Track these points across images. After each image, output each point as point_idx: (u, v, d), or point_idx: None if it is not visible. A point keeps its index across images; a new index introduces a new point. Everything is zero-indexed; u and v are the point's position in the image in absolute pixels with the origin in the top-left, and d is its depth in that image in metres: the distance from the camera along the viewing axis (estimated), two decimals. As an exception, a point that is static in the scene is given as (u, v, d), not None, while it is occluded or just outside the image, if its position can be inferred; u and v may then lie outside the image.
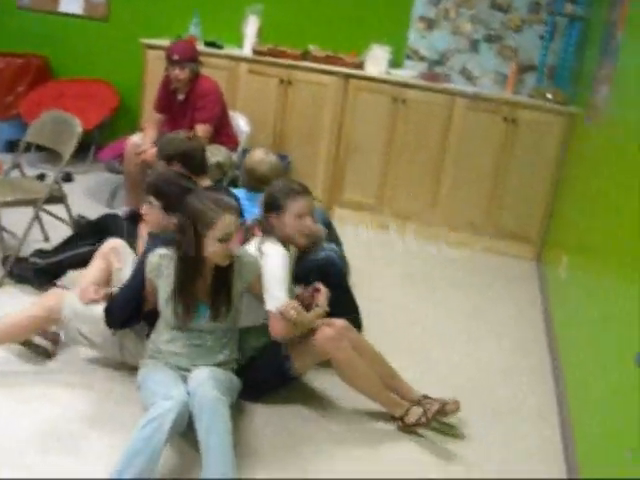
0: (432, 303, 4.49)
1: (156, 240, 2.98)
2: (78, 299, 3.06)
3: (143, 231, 3.41)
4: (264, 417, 3.05)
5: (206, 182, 3.79)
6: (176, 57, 4.70)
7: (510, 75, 5.47)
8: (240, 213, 2.94)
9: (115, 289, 3.09)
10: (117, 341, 3.08)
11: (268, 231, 3.07)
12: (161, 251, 2.85)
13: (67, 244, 3.94)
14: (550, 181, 5.26)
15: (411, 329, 4.08)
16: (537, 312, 4.55)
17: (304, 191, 3.11)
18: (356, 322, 3.51)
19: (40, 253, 3.95)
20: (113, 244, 3.40)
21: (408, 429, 3.03)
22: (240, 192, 3.92)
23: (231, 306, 2.85)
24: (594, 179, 3.90)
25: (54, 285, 3.77)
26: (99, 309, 3.01)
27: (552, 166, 5.24)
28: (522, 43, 5.52)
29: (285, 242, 3.05)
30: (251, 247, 3.03)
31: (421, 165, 5.51)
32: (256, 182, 3.86)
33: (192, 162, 3.74)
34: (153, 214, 3.17)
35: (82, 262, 3.64)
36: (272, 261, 2.92)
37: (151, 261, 2.85)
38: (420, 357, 3.75)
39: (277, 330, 2.88)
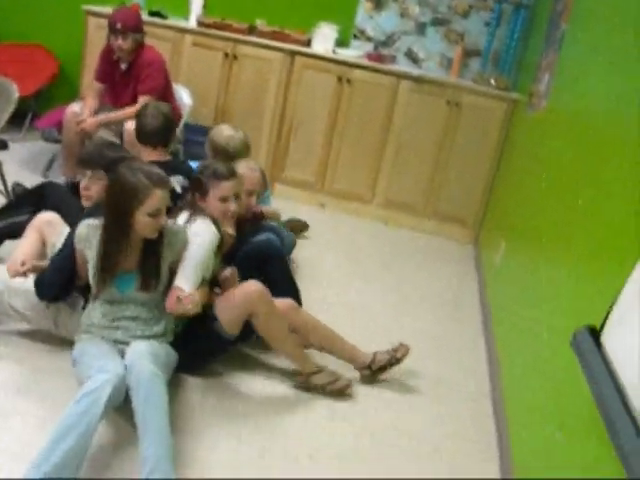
0: (366, 281, 4.53)
1: (94, 212, 2.93)
2: (8, 272, 2.99)
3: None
4: (201, 391, 3.04)
5: (165, 156, 3.81)
6: (119, 26, 4.59)
7: (455, 59, 5.51)
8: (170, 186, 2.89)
9: (47, 262, 3.02)
10: (51, 316, 3.03)
11: (197, 209, 3.06)
12: (89, 221, 2.81)
13: (3, 212, 3.82)
14: (490, 166, 5.34)
15: (344, 307, 4.10)
16: (473, 294, 4.64)
17: (229, 175, 3.12)
18: (296, 301, 3.52)
19: None
20: (48, 217, 3.31)
21: (307, 385, 3.15)
22: None
23: (160, 276, 2.82)
24: (533, 166, 3.97)
25: None
26: (32, 283, 2.94)
27: (492, 152, 5.31)
28: (468, 28, 5.56)
29: (214, 220, 3.05)
30: (180, 220, 3.01)
31: (363, 145, 5.52)
32: (226, 158, 3.81)
33: (140, 133, 3.81)
34: (98, 187, 3.10)
35: (19, 231, 3.52)
36: (197, 240, 2.92)
37: (80, 232, 2.81)
38: (353, 334, 3.76)
39: (170, 305, 2.84)
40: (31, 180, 4.39)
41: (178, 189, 3.45)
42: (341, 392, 3.16)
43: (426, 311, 4.25)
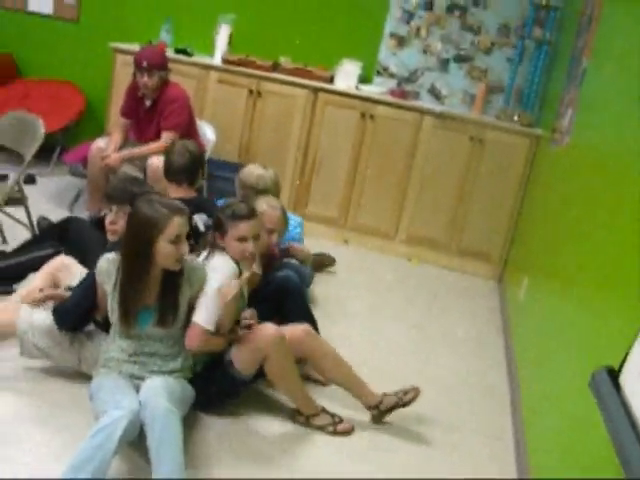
0: (388, 318, 4.49)
1: (116, 247, 2.94)
2: (23, 302, 3.00)
3: None
4: (217, 428, 3.02)
5: (191, 193, 3.82)
6: (145, 64, 4.65)
7: (478, 96, 5.52)
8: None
9: (66, 293, 3.03)
10: (75, 352, 3.03)
11: (217, 247, 3.06)
12: (110, 255, 2.82)
13: (28, 246, 3.87)
14: (514, 202, 5.31)
15: (366, 342, 4.08)
16: (496, 331, 4.58)
17: (248, 215, 3.08)
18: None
19: (1, 254, 3.87)
20: (64, 260, 3.33)
21: (307, 426, 3.13)
22: None
23: (178, 312, 2.82)
24: (557, 202, 3.94)
25: (9, 292, 3.68)
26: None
27: (516, 187, 5.29)
28: (491, 65, 5.58)
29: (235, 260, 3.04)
30: (200, 257, 3.02)
31: (387, 181, 5.52)
32: (256, 195, 3.81)
33: (167, 169, 3.85)
34: (123, 222, 3.11)
35: (42, 265, 3.57)
36: (215, 276, 2.91)
37: (100, 266, 2.83)
38: (373, 370, 3.72)
39: (191, 341, 2.85)
40: (57, 214, 4.44)
41: (201, 227, 3.45)
42: (342, 435, 3.13)
43: (449, 349, 4.20)
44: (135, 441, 2.56)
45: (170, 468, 2.44)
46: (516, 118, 5.27)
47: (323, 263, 5.02)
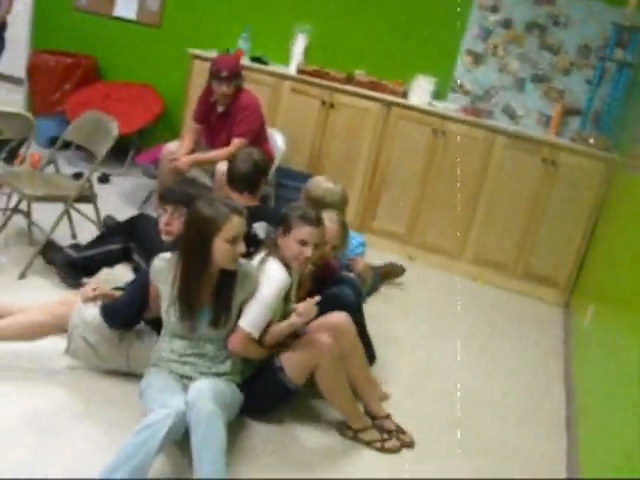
0: (449, 337, 4.42)
1: (173, 247, 2.98)
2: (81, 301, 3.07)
3: None
4: (264, 434, 3.02)
5: (252, 202, 3.78)
6: (225, 73, 4.71)
7: (554, 117, 5.41)
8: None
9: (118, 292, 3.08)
10: (124, 350, 3.08)
11: (274, 247, 3.05)
12: (165, 255, 2.86)
13: (99, 240, 4.01)
14: (585, 227, 5.17)
15: (423, 362, 4.02)
16: (556, 358, 4.45)
17: (316, 222, 3.07)
18: (369, 355, 3.48)
19: (76, 247, 4.02)
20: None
21: (355, 440, 3.09)
22: None
23: (230, 315, 2.83)
24: (630, 230, 3.81)
25: (80, 284, 3.82)
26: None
27: (588, 212, 5.14)
28: (569, 86, 5.46)
29: (286, 263, 3.02)
30: (255, 260, 3.02)
31: (455, 198, 5.45)
32: (321, 209, 3.79)
33: (230, 177, 3.81)
34: (180, 223, 3.15)
35: (113, 259, 3.82)
36: (268, 282, 2.90)
37: (155, 265, 2.86)
38: (429, 392, 3.69)
39: (233, 344, 2.86)
40: (128, 213, 4.51)
41: (261, 235, 3.45)
42: (389, 452, 3.08)
43: (507, 374, 4.10)
44: (180, 441, 2.58)
45: (211, 469, 2.45)
46: (592, 142, 5.12)
47: (392, 272, 4.99)
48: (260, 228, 3.43)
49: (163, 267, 2.84)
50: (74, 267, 3.91)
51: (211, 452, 2.47)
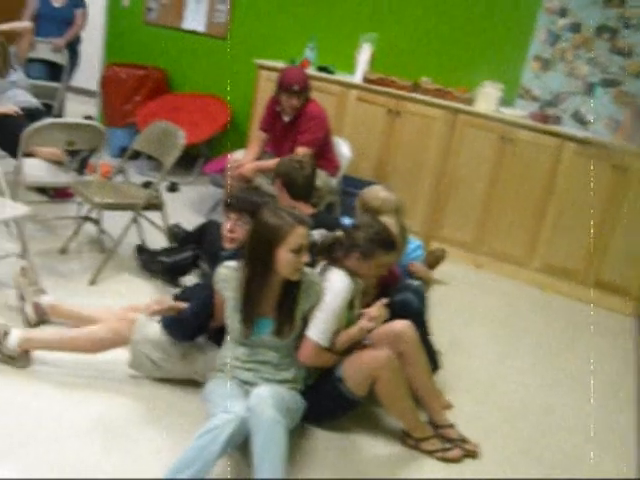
0: (515, 348, 4.34)
1: (231, 255, 3.02)
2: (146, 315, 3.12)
3: None
4: (325, 442, 3.02)
5: (308, 210, 3.77)
6: (297, 88, 4.74)
7: (624, 122, 5.27)
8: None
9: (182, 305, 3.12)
10: (188, 365, 3.12)
11: (337, 262, 3.04)
12: (229, 263, 2.89)
13: (170, 250, 4.23)
14: (659, 235, 5.02)
15: (489, 371, 3.96)
16: (628, 370, 4.32)
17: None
18: (433, 363, 3.44)
19: (166, 252, 4.20)
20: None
21: (416, 449, 3.07)
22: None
23: (294, 324, 2.84)
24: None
25: (178, 285, 4.07)
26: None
27: (662, 220, 4.99)
28: (641, 90, 5.33)
29: (353, 275, 3.02)
30: (317, 270, 3.03)
31: (524, 206, 5.37)
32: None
33: (293, 185, 3.77)
34: (243, 230, 3.19)
35: (185, 267, 4.06)
36: (332, 291, 2.90)
37: (219, 272, 2.89)
38: (493, 402, 3.63)
39: (304, 356, 2.88)
40: (195, 221, 4.59)
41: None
42: (451, 461, 3.04)
43: (576, 387, 3.99)
44: (242, 446, 2.59)
45: (271, 475, 2.46)
46: (665, 147, 4.99)
47: (436, 260, 4.94)
48: (319, 235, 3.44)
49: (228, 275, 2.87)
50: (169, 271, 4.13)
51: (271, 458, 2.48)
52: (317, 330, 2.86)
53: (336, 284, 2.93)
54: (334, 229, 3.35)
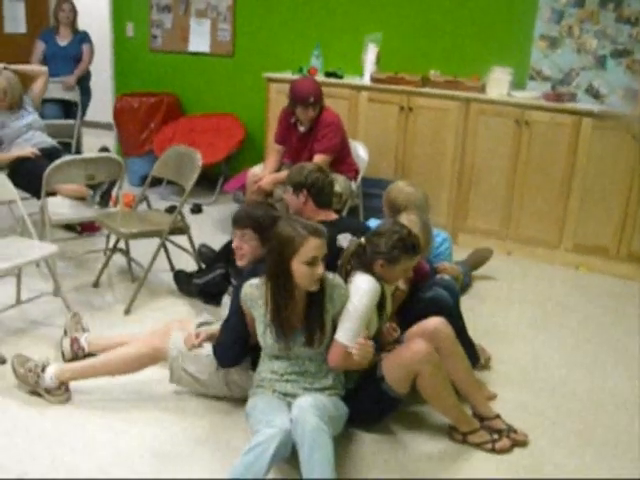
0: (557, 330, 4.30)
1: (250, 272, 3.03)
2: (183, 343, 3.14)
3: None
4: (372, 445, 3.01)
5: (331, 215, 3.76)
6: (312, 100, 4.75)
7: (640, 90, 5.21)
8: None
9: (217, 327, 3.13)
10: (222, 377, 3.14)
11: (364, 265, 3.03)
12: (253, 281, 2.89)
13: (201, 271, 4.31)
14: (688, 201, 4.95)
15: (531, 357, 3.93)
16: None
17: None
18: (471, 357, 3.42)
19: (198, 273, 4.29)
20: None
21: (464, 443, 3.05)
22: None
23: (324, 332, 2.84)
24: None
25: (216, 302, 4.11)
26: (205, 349, 3.10)
27: (690, 185, 4.92)
28: (653, 57, 5.25)
29: (379, 280, 3.01)
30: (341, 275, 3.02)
31: (548, 188, 5.32)
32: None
33: (320, 194, 3.71)
34: (249, 246, 3.20)
35: (217, 286, 4.08)
36: (359, 293, 2.89)
37: (245, 292, 2.90)
38: (539, 388, 3.60)
39: (334, 360, 2.87)
40: (222, 240, 4.61)
41: (345, 246, 3.45)
42: (501, 452, 3.02)
43: (623, 364, 3.93)
44: (290, 458, 2.60)
45: (321, 483, 2.47)
46: (685, 110, 4.93)
47: (481, 258, 4.96)
48: (344, 239, 3.43)
49: (253, 293, 2.88)
50: (203, 292, 4.21)
51: (319, 465, 2.48)
52: (345, 334, 2.85)
53: (362, 286, 2.92)
54: (359, 232, 3.35)
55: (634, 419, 3.37)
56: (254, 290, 2.87)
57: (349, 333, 2.85)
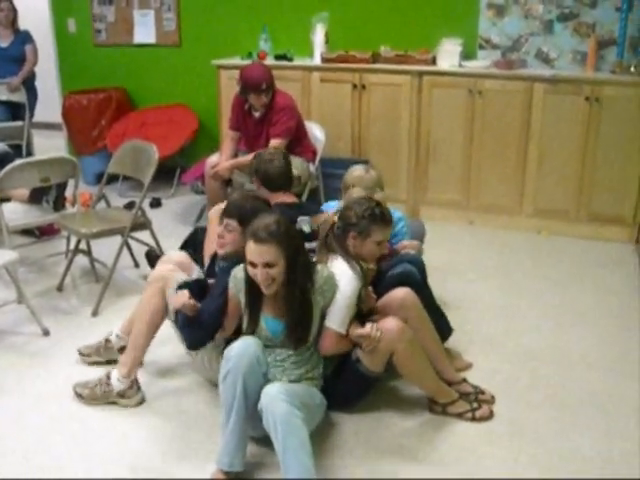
0: (522, 295, 4.35)
1: (231, 261, 3.00)
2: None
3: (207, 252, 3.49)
4: (353, 426, 3.02)
5: (289, 198, 3.77)
6: (264, 86, 4.72)
7: (589, 53, 5.25)
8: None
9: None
10: (206, 359, 3.13)
11: (338, 245, 3.04)
12: (244, 265, 2.86)
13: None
14: (642, 157, 5.01)
15: (500, 323, 3.97)
16: (635, 299, 4.32)
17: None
18: (443, 328, 3.44)
19: None
20: (178, 257, 3.44)
21: (444, 414, 3.08)
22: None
23: (310, 326, 2.81)
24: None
25: None
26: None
27: (642, 142, 4.99)
28: (599, 18, 5.27)
29: (356, 259, 3.01)
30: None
31: (504, 155, 5.36)
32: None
33: (266, 179, 3.75)
34: (232, 236, 3.17)
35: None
36: (343, 282, 2.90)
37: (236, 276, 2.88)
38: (504, 347, 3.67)
39: (326, 347, 2.90)
40: (184, 232, 4.55)
41: (307, 229, 3.44)
42: (481, 420, 3.05)
43: (588, 324, 3.99)
44: (268, 441, 2.58)
45: (298, 468, 2.46)
46: (633, 69, 4.97)
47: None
48: (304, 222, 3.42)
49: (241, 277, 2.84)
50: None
51: (294, 451, 2.47)
52: (337, 320, 2.87)
53: (345, 274, 2.92)
54: (315, 214, 3.37)
55: (606, 376, 3.43)
56: (241, 275, 2.84)
57: (340, 319, 2.87)
